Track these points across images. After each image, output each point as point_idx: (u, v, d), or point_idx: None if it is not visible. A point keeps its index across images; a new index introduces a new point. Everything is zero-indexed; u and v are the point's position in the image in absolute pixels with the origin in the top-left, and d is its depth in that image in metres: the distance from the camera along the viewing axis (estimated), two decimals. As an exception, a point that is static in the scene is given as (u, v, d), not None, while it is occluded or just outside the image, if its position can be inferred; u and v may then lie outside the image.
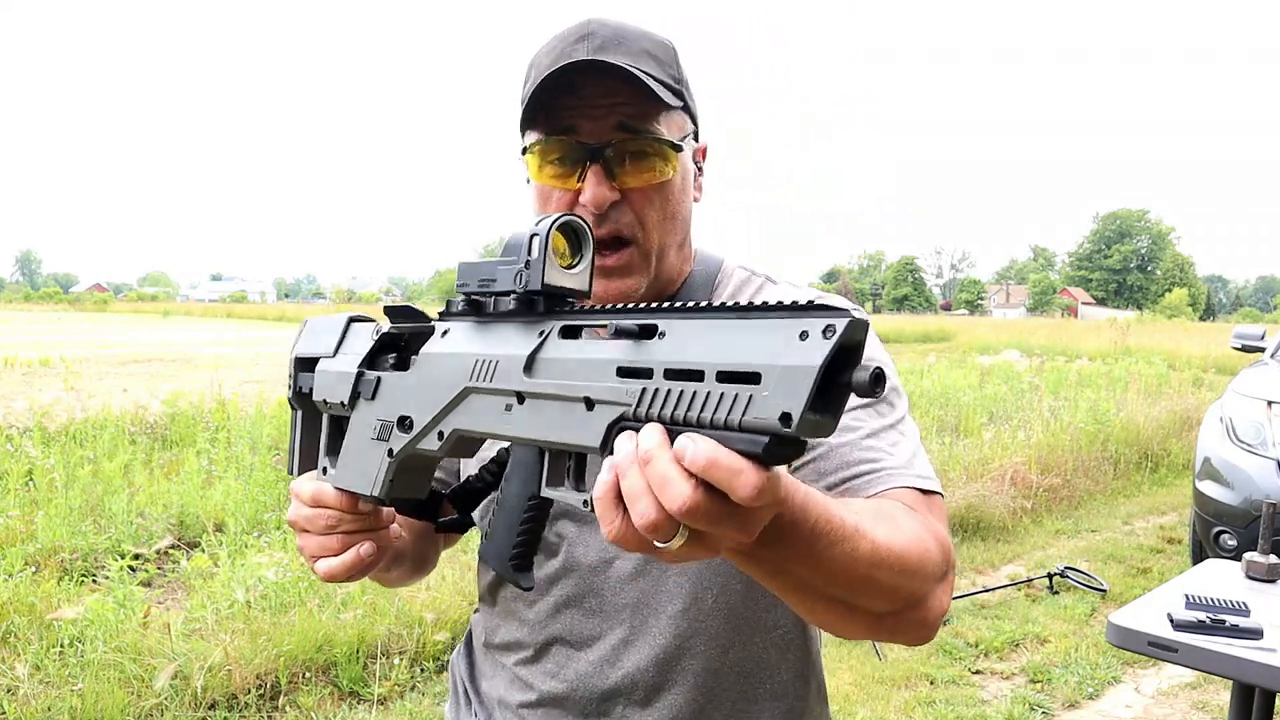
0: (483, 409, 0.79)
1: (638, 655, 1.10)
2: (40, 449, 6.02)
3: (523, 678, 1.16)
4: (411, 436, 0.87)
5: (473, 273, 0.84)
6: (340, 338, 1.00)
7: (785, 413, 0.56)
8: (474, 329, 0.84)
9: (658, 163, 1.03)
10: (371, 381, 0.93)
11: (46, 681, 3.29)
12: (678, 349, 0.64)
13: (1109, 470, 8.06)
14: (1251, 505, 4.56)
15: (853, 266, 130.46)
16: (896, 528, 0.86)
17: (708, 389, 0.61)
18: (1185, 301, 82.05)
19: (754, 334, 0.60)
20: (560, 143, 1.02)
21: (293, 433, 1.08)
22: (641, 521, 0.61)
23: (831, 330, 0.56)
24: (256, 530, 4.97)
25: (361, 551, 0.95)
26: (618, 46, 1.00)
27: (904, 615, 0.88)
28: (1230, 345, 6.84)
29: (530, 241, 0.78)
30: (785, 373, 0.56)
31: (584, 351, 0.71)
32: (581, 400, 0.70)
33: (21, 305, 71.68)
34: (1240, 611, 2.11)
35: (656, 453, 0.61)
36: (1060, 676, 4.13)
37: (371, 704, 3.59)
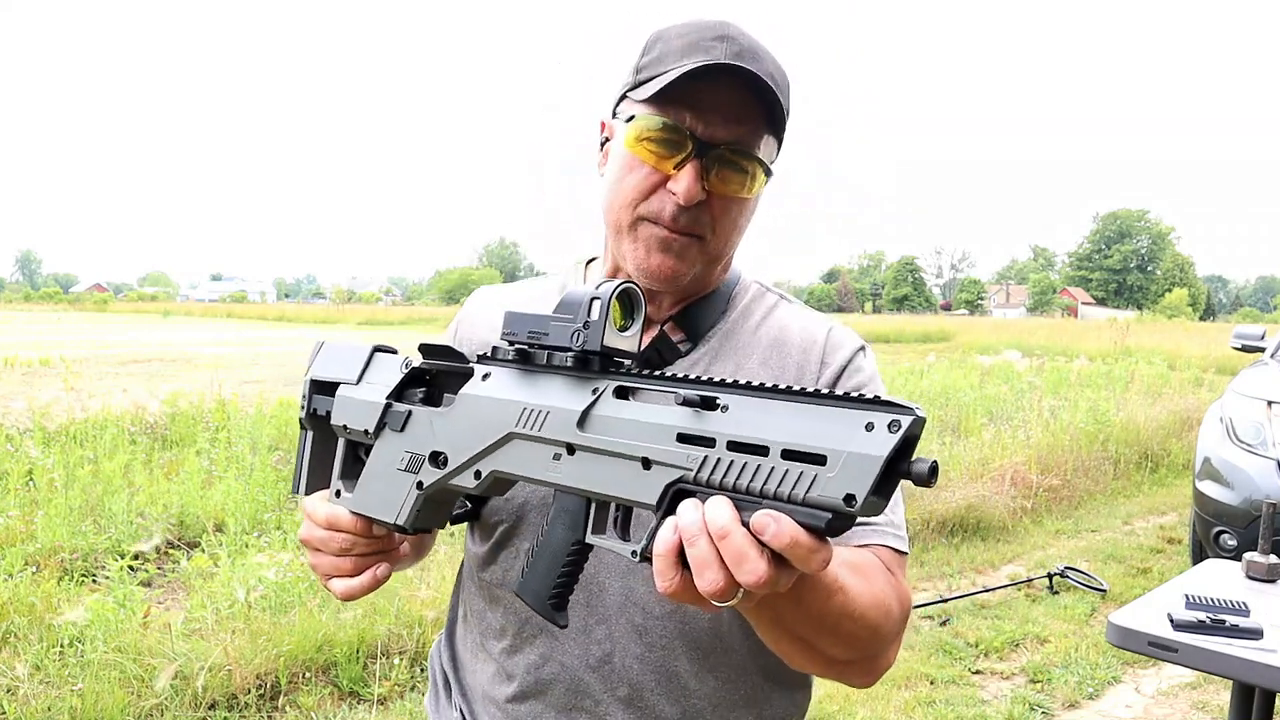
0: (528, 455, 0.83)
1: (623, 651, 1.10)
2: (40, 449, 6.03)
3: (506, 668, 1.16)
4: (445, 472, 0.91)
5: (521, 324, 0.87)
6: (364, 366, 1.02)
7: (850, 494, 0.63)
8: (519, 377, 0.87)
9: (748, 180, 1.05)
10: (401, 414, 0.96)
11: (46, 681, 3.29)
12: (741, 423, 0.70)
13: (1109, 470, 8.06)
14: (1251, 505, 4.56)
15: (853, 266, 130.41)
16: (869, 585, 0.93)
17: (772, 464, 0.67)
18: (1185, 301, 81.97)
19: (820, 420, 0.66)
20: (674, 128, 1.02)
21: (300, 452, 1.11)
22: (709, 588, 0.68)
23: (897, 425, 0.62)
24: (256, 530, 4.97)
25: (378, 573, 1.00)
26: (754, 59, 1.02)
27: (855, 664, 0.97)
28: (1230, 345, 6.84)
29: (591, 304, 0.82)
30: (851, 458, 0.63)
31: (643, 414, 0.76)
32: (639, 459, 0.75)
33: (21, 305, 71.67)
34: (1240, 611, 2.11)
35: (733, 528, 0.67)
36: (1060, 676, 4.13)
37: (371, 704, 3.59)
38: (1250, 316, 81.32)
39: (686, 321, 1.15)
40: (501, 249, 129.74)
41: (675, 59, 1.02)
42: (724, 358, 1.15)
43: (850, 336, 1.18)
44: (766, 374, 1.13)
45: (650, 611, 1.09)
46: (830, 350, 1.15)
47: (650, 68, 1.05)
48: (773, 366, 1.14)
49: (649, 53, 1.07)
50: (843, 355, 1.15)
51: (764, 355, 1.15)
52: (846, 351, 1.15)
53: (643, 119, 1.04)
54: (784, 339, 1.16)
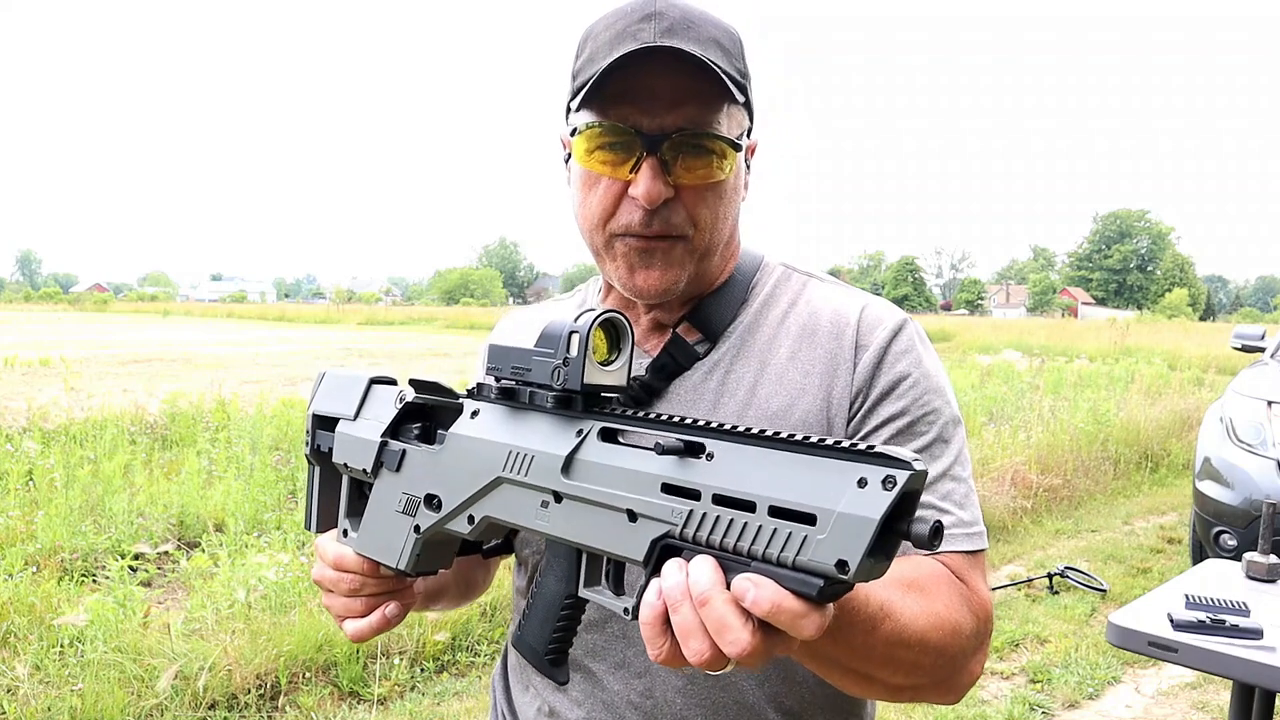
0: (517, 502, 0.79)
1: (664, 685, 1.03)
2: (40, 449, 6.02)
3: (550, 703, 1.11)
4: (440, 517, 0.87)
5: (504, 358, 0.82)
6: (361, 399, 0.99)
7: (842, 560, 0.57)
8: (506, 415, 0.83)
9: (715, 160, 0.96)
10: (396, 453, 0.92)
11: (46, 681, 3.29)
12: (727, 475, 0.64)
13: (1109, 470, 8.06)
14: (1251, 505, 4.56)
15: (853, 266, 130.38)
16: (928, 605, 0.85)
17: (759, 522, 0.61)
18: (1185, 301, 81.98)
19: (809, 472, 0.60)
20: (616, 129, 0.94)
21: (310, 487, 1.07)
22: (695, 659, 0.62)
23: (892, 482, 0.56)
24: (256, 530, 4.97)
25: (387, 613, 0.96)
26: (686, 31, 0.93)
27: (925, 688, 0.89)
28: (1230, 345, 6.84)
29: (569, 338, 0.77)
30: (843, 520, 0.57)
31: (627, 461, 0.71)
32: (624, 511, 0.70)
33: (21, 305, 71.61)
34: (1240, 611, 2.11)
35: (713, 593, 0.61)
36: (1060, 676, 4.13)
37: (371, 704, 3.59)
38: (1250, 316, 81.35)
39: (701, 320, 1.06)
40: (501, 249, 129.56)
41: (605, 54, 0.94)
42: (747, 355, 1.06)
43: (889, 311, 1.06)
44: (795, 368, 1.03)
45: None
46: (865, 331, 1.03)
47: (584, 70, 0.97)
48: (803, 359, 1.04)
49: (581, 54, 0.99)
50: (882, 335, 1.03)
51: (793, 347, 1.04)
52: (886, 331, 1.03)
53: (586, 127, 0.96)
54: (814, 325, 1.05)
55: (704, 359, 1.06)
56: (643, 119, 0.94)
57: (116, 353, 18.86)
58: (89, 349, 19.25)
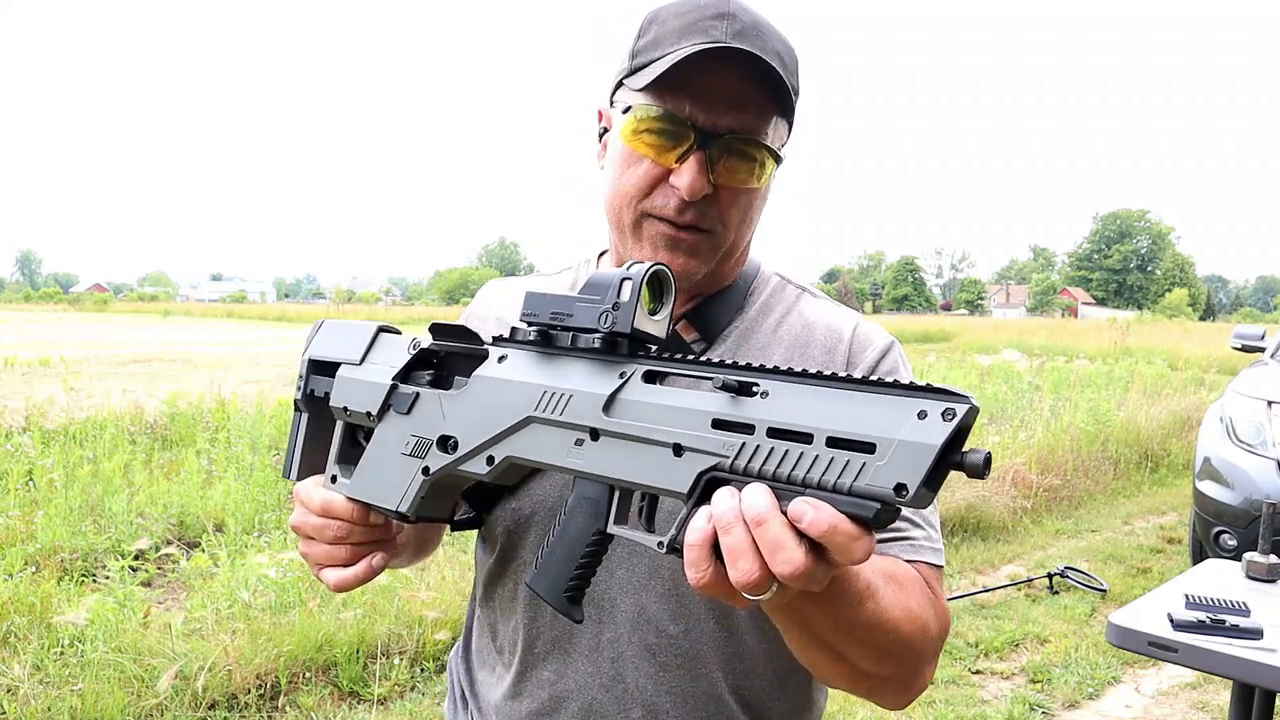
0: (546, 440, 0.79)
1: (635, 670, 1.04)
2: (40, 449, 6.02)
3: (518, 686, 1.11)
4: (455, 458, 0.86)
5: (543, 304, 0.82)
6: (368, 346, 0.98)
7: (901, 484, 0.60)
8: (537, 360, 0.83)
9: (757, 168, 0.98)
10: (408, 396, 0.91)
11: (46, 681, 3.29)
12: (783, 410, 0.66)
13: (1109, 470, 8.06)
14: (1251, 505, 4.56)
15: (853, 266, 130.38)
16: (905, 598, 0.89)
17: (816, 452, 0.64)
18: (1185, 301, 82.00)
19: (868, 406, 0.63)
20: (673, 117, 0.95)
21: (293, 435, 1.05)
22: (742, 579, 0.64)
23: (951, 414, 0.59)
24: (256, 530, 4.97)
25: (373, 563, 0.95)
26: (756, 38, 0.95)
27: (888, 681, 0.91)
28: (1230, 345, 6.84)
29: (621, 284, 0.78)
30: (904, 447, 0.60)
31: (675, 399, 0.72)
32: (670, 446, 0.71)
33: (21, 305, 71.60)
34: (1240, 611, 2.11)
35: (770, 515, 0.63)
36: (1060, 676, 4.13)
37: (371, 704, 3.59)
38: (1250, 316, 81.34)
39: (700, 320, 1.09)
40: (501, 249, 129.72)
41: (673, 41, 0.96)
42: (741, 358, 1.08)
43: (878, 333, 1.11)
44: None
45: (664, 630, 1.04)
46: (858, 349, 1.09)
47: (646, 52, 0.98)
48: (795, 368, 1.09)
49: (644, 35, 1.00)
50: (872, 354, 1.08)
51: (785, 355, 1.08)
52: (876, 350, 1.09)
53: (640, 109, 0.97)
54: (807, 337, 1.09)
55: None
56: (699, 113, 0.95)
57: (116, 353, 18.86)
58: (89, 349, 19.24)
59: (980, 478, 0.60)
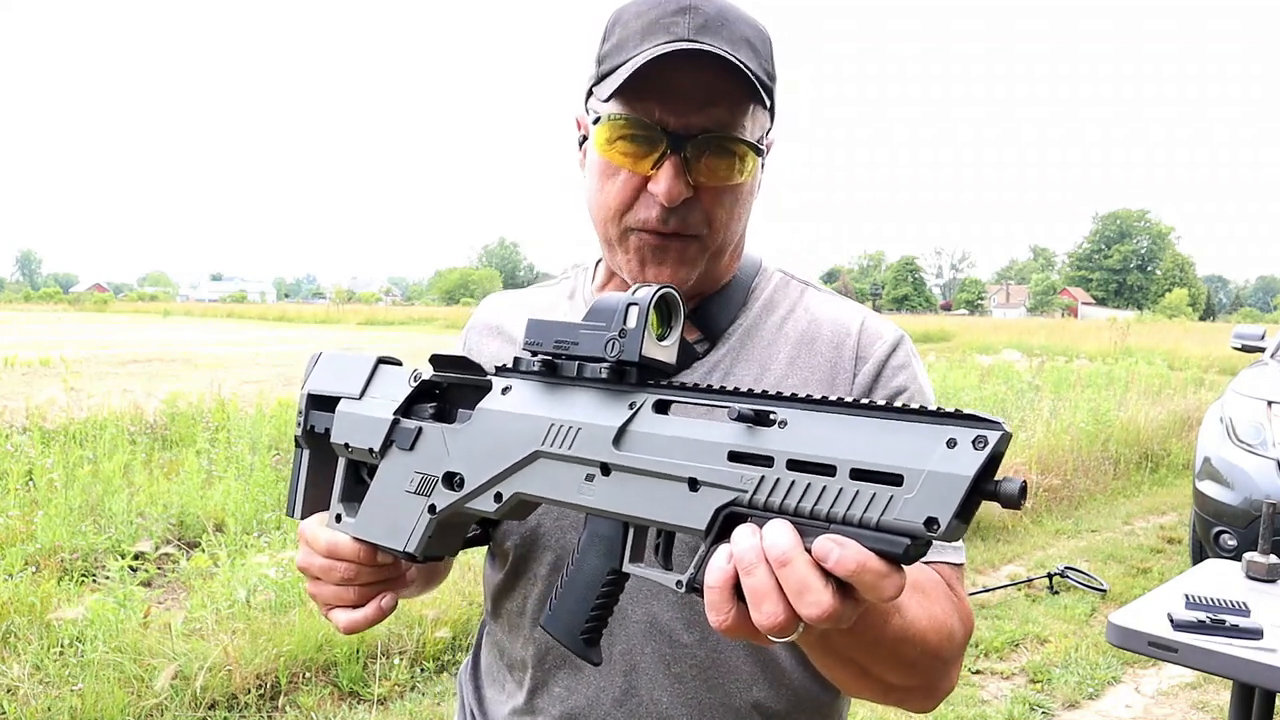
0: (556, 476, 0.76)
1: (650, 683, 1.01)
2: (40, 449, 6.02)
3: (531, 701, 1.08)
4: (461, 495, 0.83)
5: (546, 332, 0.80)
6: (368, 378, 0.95)
7: (932, 518, 0.57)
8: (543, 391, 0.80)
9: (737, 163, 0.95)
10: (411, 431, 0.88)
11: (46, 681, 3.29)
12: (803, 440, 0.63)
13: (1109, 470, 8.06)
14: (1251, 505, 4.56)
15: (853, 266, 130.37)
16: (930, 606, 0.87)
17: (840, 485, 0.61)
18: (1185, 301, 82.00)
19: (894, 435, 0.60)
20: (641, 123, 0.93)
21: (295, 472, 1.03)
22: (767, 622, 0.61)
23: (983, 442, 0.56)
24: (257, 530, 4.97)
25: (383, 604, 0.93)
26: (720, 29, 0.92)
27: (913, 690, 0.89)
28: (1230, 345, 6.84)
29: (627, 310, 0.75)
30: (933, 478, 0.57)
31: (689, 430, 0.69)
32: (685, 480, 0.68)
33: (21, 305, 71.57)
34: (1240, 611, 2.11)
35: (794, 554, 0.60)
36: (1060, 676, 4.13)
37: (371, 704, 3.59)
38: (1250, 316, 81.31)
39: (702, 320, 1.06)
40: (501, 249, 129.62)
41: (635, 44, 0.93)
42: (747, 358, 1.05)
43: (887, 327, 1.08)
44: (795, 374, 1.04)
45: (678, 640, 1.01)
46: (866, 344, 1.05)
47: (611, 57, 0.96)
48: (801, 366, 1.04)
49: (608, 39, 0.97)
50: (881, 349, 1.05)
51: (792, 353, 1.05)
52: (885, 345, 1.05)
53: (609, 118, 0.94)
54: (813, 333, 1.06)
55: (703, 359, 1.05)
56: (669, 116, 0.92)
57: (116, 353, 18.86)
58: (89, 349, 19.25)
59: (1016, 508, 0.57)
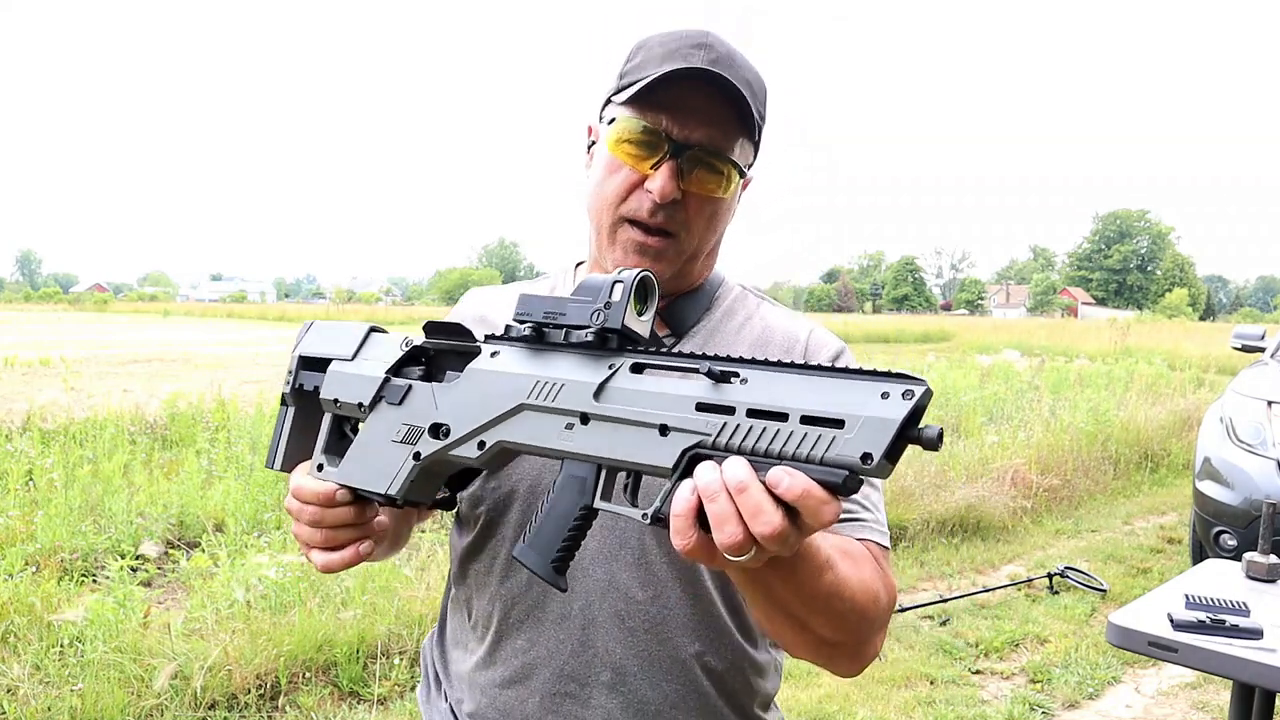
0: (539, 426, 0.86)
1: (606, 636, 1.12)
2: (39, 449, 6.02)
3: (491, 656, 1.18)
4: (446, 443, 0.92)
5: (536, 305, 0.90)
6: (360, 343, 1.04)
7: (867, 453, 0.67)
8: (529, 355, 0.90)
9: (723, 180, 1.10)
10: (401, 388, 0.98)
11: (46, 681, 3.29)
12: (760, 393, 0.74)
13: (1109, 470, 8.06)
14: (1251, 505, 4.56)
15: (853, 266, 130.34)
16: (859, 570, 0.98)
17: (791, 429, 0.71)
18: (1185, 301, 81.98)
19: (837, 389, 0.71)
20: (649, 129, 1.08)
21: (279, 427, 1.12)
22: (727, 541, 0.72)
23: (910, 394, 0.68)
24: (256, 530, 4.97)
25: (360, 550, 1.02)
26: (729, 67, 1.07)
27: (843, 647, 1.00)
28: (1230, 345, 6.84)
29: (613, 287, 0.86)
30: (869, 422, 0.68)
31: (660, 386, 0.80)
32: (656, 427, 0.78)
33: (21, 305, 71.54)
34: (1240, 611, 2.11)
35: (750, 483, 0.71)
36: (1060, 676, 4.13)
37: (371, 704, 3.59)
38: (1250, 316, 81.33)
39: (672, 317, 1.20)
40: (501, 249, 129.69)
41: (655, 65, 1.08)
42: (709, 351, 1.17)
43: (830, 339, 1.23)
44: None
45: (633, 597, 1.12)
46: (812, 351, 1.21)
47: (632, 73, 1.11)
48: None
49: (632, 59, 1.13)
50: (824, 356, 1.20)
51: (747, 353, 1.18)
52: (829, 353, 1.20)
53: (623, 121, 1.09)
54: (766, 338, 1.21)
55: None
56: (674, 127, 1.07)
57: (116, 353, 18.85)
58: (89, 349, 19.24)
59: (934, 449, 0.67)
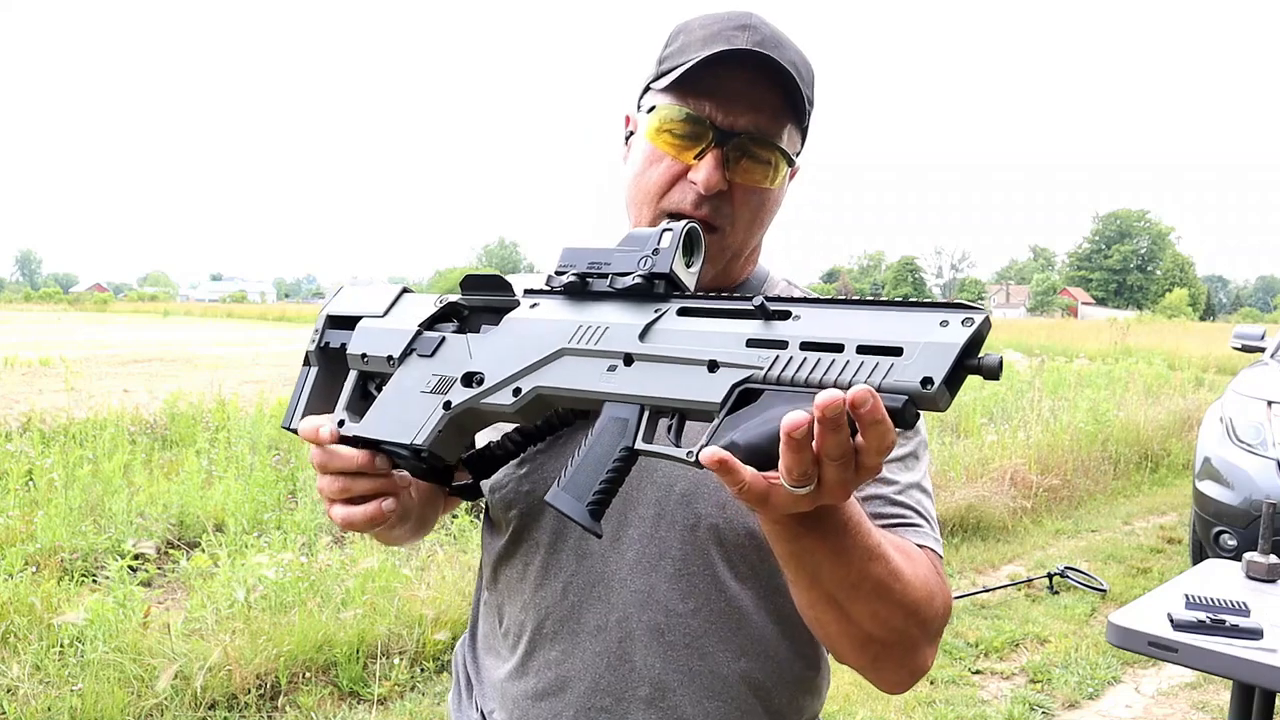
0: (579, 369, 0.82)
1: (645, 650, 1.05)
2: (39, 449, 6.02)
3: (524, 666, 1.12)
4: (479, 390, 0.88)
5: (579, 256, 0.87)
6: (392, 302, 1.01)
7: (927, 377, 0.65)
8: (570, 304, 0.87)
9: (770, 169, 1.04)
10: (434, 340, 0.94)
11: (46, 681, 3.29)
12: (814, 327, 0.72)
13: (1109, 470, 8.06)
14: (1251, 505, 4.56)
15: (853, 266, 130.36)
16: (914, 566, 0.93)
17: (847, 359, 0.69)
18: (1185, 301, 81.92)
19: (894, 319, 0.69)
20: (692, 117, 1.01)
21: (299, 385, 1.07)
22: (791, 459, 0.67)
23: (970, 321, 0.66)
24: (256, 530, 4.97)
25: (384, 506, 0.95)
26: (775, 48, 1.00)
27: (891, 649, 0.93)
28: (1230, 345, 6.84)
29: (662, 235, 0.84)
30: (928, 347, 0.66)
31: (709, 325, 0.77)
32: (705, 363, 0.75)
33: (21, 305, 71.51)
34: (1240, 611, 2.11)
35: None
36: (1060, 676, 4.13)
37: (371, 704, 3.59)
38: (1250, 316, 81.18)
39: None
40: (501, 249, 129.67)
41: (696, 49, 1.01)
42: None
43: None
44: None
45: (673, 610, 1.05)
46: None
47: (672, 58, 1.04)
48: None
49: (671, 44, 1.06)
50: None
51: None
52: None
53: (663, 109, 1.03)
54: None
55: None
56: (718, 114, 1.00)
57: (116, 353, 18.85)
58: (89, 349, 19.24)
59: (994, 378, 0.65)
